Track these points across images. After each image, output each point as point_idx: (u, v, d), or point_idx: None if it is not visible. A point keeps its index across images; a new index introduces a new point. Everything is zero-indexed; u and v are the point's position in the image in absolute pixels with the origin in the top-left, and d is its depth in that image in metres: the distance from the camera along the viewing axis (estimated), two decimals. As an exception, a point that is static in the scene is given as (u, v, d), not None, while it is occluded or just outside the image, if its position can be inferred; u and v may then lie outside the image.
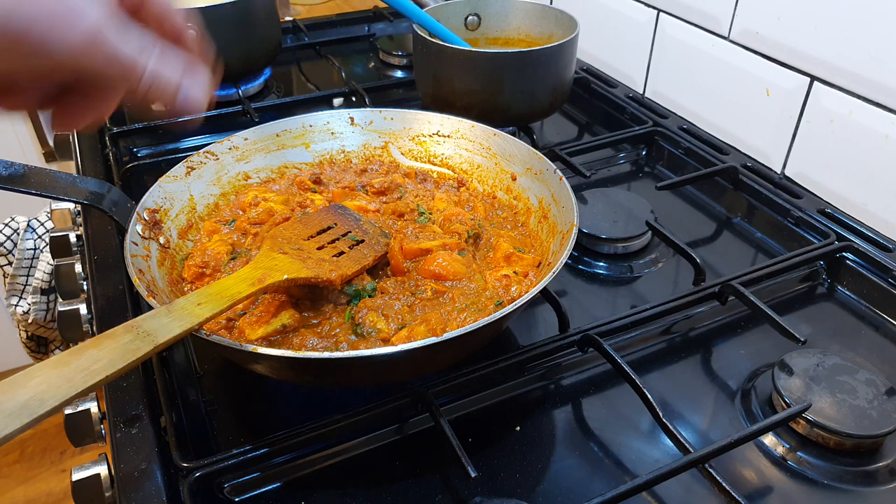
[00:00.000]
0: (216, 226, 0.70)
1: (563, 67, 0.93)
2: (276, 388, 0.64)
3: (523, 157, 0.73)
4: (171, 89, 0.40)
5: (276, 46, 1.12)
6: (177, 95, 0.41)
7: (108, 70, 0.37)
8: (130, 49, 0.38)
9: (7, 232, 1.38)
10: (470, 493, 0.54)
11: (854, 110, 0.80)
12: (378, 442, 0.58)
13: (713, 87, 0.99)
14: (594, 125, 1.10)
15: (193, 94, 0.42)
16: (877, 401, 0.58)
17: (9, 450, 1.94)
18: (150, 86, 0.39)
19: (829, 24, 0.80)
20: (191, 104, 0.42)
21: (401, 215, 0.71)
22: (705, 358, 0.67)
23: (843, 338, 0.69)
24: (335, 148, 0.82)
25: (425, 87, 0.97)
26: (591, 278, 0.78)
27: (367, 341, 0.55)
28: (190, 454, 0.54)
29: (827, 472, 0.56)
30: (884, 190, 0.79)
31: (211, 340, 0.49)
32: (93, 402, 0.62)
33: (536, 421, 0.60)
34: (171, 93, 0.40)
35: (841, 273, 0.76)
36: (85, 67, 0.36)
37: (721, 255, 0.81)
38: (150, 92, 0.39)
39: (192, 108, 0.42)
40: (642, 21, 1.08)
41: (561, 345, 0.64)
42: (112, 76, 0.38)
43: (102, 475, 0.55)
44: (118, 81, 0.39)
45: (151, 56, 0.39)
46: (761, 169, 0.91)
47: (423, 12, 0.96)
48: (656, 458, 0.57)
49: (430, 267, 0.61)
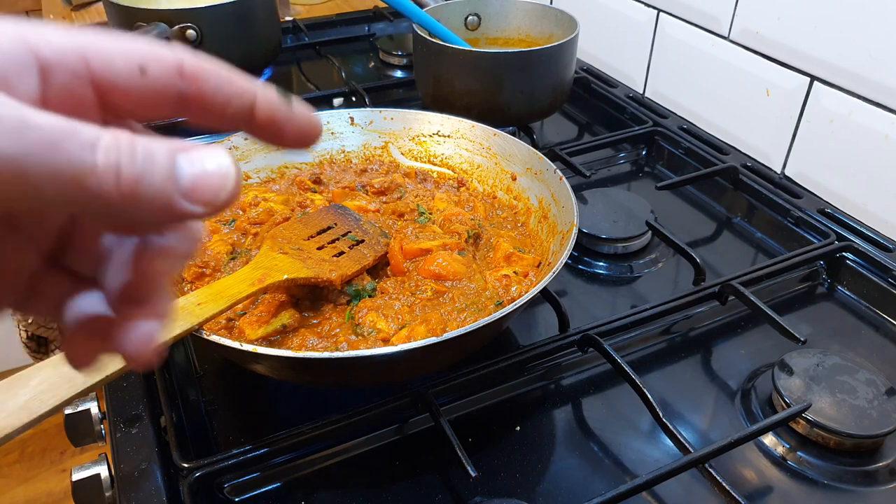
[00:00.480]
0: (216, 226, 0.70)
1: (563, 67, 0.93)
2: (276, 388, 0.64)
3: (523, 157, 0.73)
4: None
5: (276, 46, 1.12)
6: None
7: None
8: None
9: (7, 232, 1.38)
10: (470, 493, 0.54)
11: (854, 110, 0.80)
12: (378, 442, 0.58)
13: (713, 87, 0.99)
14: (594, 125, 1.10)
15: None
16: (877, 401, 0.58)
17: (9, 450, 1.94)
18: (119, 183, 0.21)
19: (829, 24, 0.80)
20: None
21: (401, 215, 0.71)
22: (705, 358, 0.67)
23: (843, 338, 0.69)
24: (335, 148, 0.82)
25: (425, 87, 0.97)
26: (591, 278, 0.78)
27: (367, 341, 0.55)
28: (190, 454, 0.54)
29: (827, 472, 0.56)
30: (884, 190, 0.79)
31: (211, 340, 0.49)
32: (93, 402, 0.62)
33: (536, 421, 0.60)
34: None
35: (841, 273, 0.76)
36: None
37: (721, 255, 0.81)
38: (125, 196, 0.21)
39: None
40: (642, 21, 1.08)
41: (561, 345, 0.64)
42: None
43: (102, 475, 0.55)
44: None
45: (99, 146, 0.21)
46: (761, 169, 0.91)
47: (423, 12, 0.96)
48: (656, 458, 0.57)
49: (430, 267, 0.61)
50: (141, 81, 0.24)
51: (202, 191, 0.23)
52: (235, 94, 0.26)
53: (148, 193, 0.22)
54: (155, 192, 0.22)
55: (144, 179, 0.21)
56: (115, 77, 0.24)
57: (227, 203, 0.23)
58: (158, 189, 0.22)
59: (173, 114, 0.25)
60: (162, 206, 0.22)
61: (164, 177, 0.22)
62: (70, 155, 0.20)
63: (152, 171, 0.22)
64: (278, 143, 0.28)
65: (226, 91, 0.25)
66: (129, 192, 0.21)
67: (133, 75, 0.24)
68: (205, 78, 0.25)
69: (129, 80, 0.24)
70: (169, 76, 0.24)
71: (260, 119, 0.27)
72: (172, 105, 0.25)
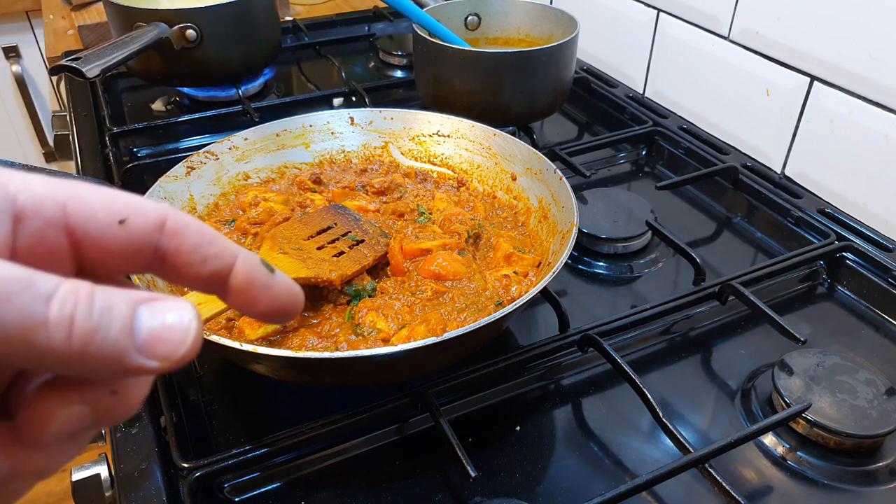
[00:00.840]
0: (216, 226, 0.70)
1: (563, 67, 0.93)
2: (276, 388, 0.64)
3: (523, 157, 0.73)
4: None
5: (276, 46, 1.12)
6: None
7: None
8: None
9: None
10: (470, 493, 0.54)
11: (854, 110, 0.80)
12: (378, 442, 0.58)
13: (713, 86, 0.99)
14: (594, 125, 1.10)
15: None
16: (877, 401, 0.58)
17: (9, 450, 1.94)
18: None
19: (829, 24, 0.80)
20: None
21: (401, 215, 0.71)
22: (705, 358, 0.67)
23: (843, 338, 0.69)
24: (335, 148, 0.82)
25: (425, 87, 0.97)
26: (591, 278, 0.78)
27: (367, 341, 0.55)
28: (190, 454, 0.54)
29: (827, 472, 0.56)
30: (884, 190, 0.79)
31: (211, 340, 0.48)
32: (93, 402, 0.62)
33: (536, 421, 0.60)
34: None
35: (841, 273, 0.76)
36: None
37: (721, 255, 0.81)
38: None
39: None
40: (642, 21, 1.08)
41: (561, 345, 0.64)
42: None
43: (102, 475, 0.55)
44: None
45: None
46: (761, 169, 0.91)
47: (423, 12, 0.96)
48: (656, 458, 0.57)
49: (430, 267, 0.61)
50: (118, 232, 0.23)
51: (159, 345, 0.22)
52: (214, 255, 0.25)
53: (100, 348, 0.20)
54: (109, 347, 0.21)
55: (99, 333, 0.20)
56: (91, 226, 0.23)
57: (185, 359, 0.23)
58: (113, 343, 0.21)
59: (146, 269, 0.25)
60: (114, 361, 0.21)
61: (120, 331, 0.21)
62: (22, 308, 0.19)
63: (109, 323, 0.21)
64: (253, 315, 0.27)
65: (205, 250, 0.25)
66: (79, 347, 0.20)
67: (111, 226, 0.23)
68: (186, 235, 0.24)
69: (106, 231, 0.23)
70: (148, 230, 0.24)
71: (236, 283, 0.26)
72: (147, 259, 0.24)
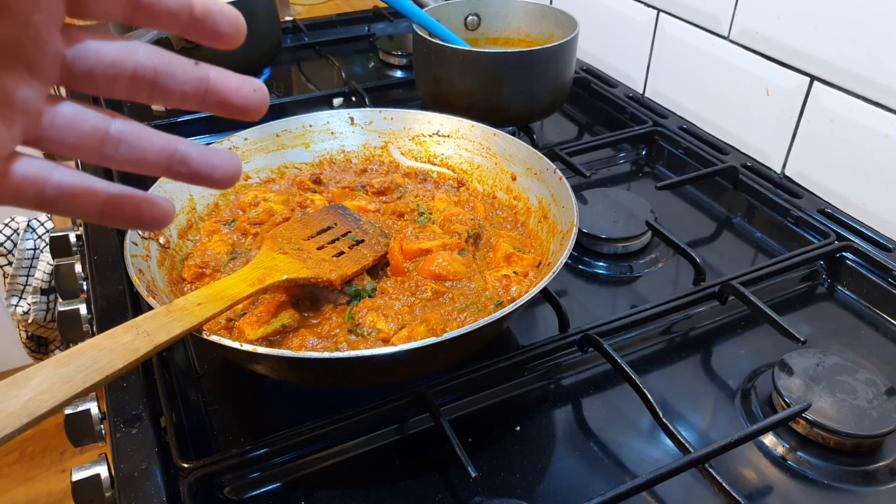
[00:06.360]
0: (216, 226, 0.70)
1: (563, 67, 0.93)
2: (276, 388, 0.64)
3: (523, 157, 0.73)
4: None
5: (276, 46, 1.12)
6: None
7: None
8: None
9: (7, 232, 1.38)
10: (470, 493, 0.54)
11: (854, 110, 0.80)
12: (378, 442, 0.58)
13: (713, 86, 0.99)
14: (594, 125, 1.10)
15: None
16: (877, 401, 0.58)
17: (9, 450, 1.94)
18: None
19: (829, 24, 0.80)
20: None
21: (401, 215, 0.71)
22: (705, 358, 0.67)
23: (843, 338, 0.69)
24: (335, 148, 0.82)
25: (425, 87, 0.97)
26: (591, 278, 0.78)
27: (367, 341, 0.55)
28: (190, 454, 0.54)
29: (827, 472, 0.56)
30: (884, 190, 0.79)
31: (211, 340, 0.49)
32: (93, 402, 0.62)
33: (536, 421, 0.60)
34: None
35: (841, 273, 0.76)
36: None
37: (721, 255, 0.81)
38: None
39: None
40: (642, 21, 1.08)
41: (561, 345, 0.64)
42: None
43: (102, 475, 0.55)
44: None
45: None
46: (761, 169, 0.91)
47: (423, 12, 0.96)
48: (656, 458, 0.57)
49: (430, 267, 0.61)
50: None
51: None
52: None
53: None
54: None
55: None
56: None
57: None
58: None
59: (124, 15, 0.32)
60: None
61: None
62: None
63: None
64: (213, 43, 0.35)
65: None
66: None
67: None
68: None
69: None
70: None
71: (198, 10, 0.34)
72: (124, 5, 0.32)
